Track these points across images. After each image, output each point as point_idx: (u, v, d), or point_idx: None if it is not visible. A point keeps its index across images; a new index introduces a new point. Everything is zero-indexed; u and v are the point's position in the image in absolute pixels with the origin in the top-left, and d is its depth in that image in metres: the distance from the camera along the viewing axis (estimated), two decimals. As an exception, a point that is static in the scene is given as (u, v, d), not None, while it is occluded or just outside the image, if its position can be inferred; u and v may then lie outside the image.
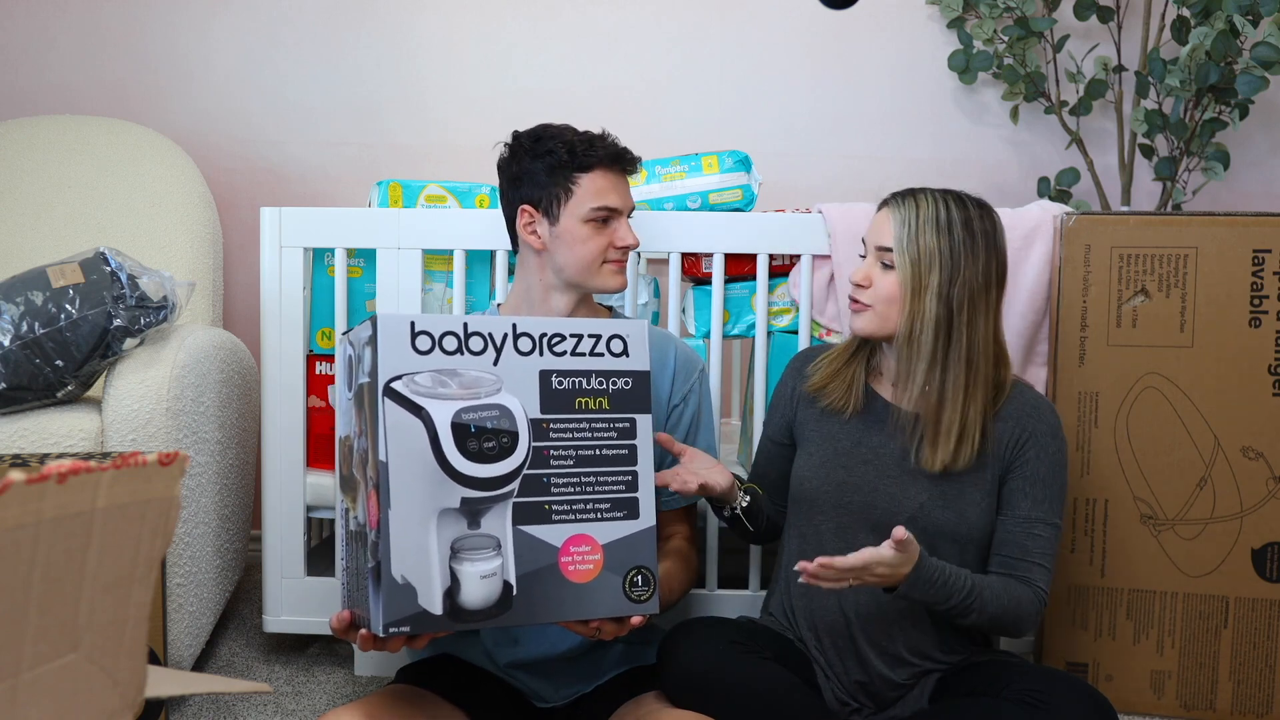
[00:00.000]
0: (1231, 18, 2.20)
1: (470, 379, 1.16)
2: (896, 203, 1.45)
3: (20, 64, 2.57)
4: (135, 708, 0.67)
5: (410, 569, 1.12)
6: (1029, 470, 1.44)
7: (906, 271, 1.41)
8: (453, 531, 1.14)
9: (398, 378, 1.13)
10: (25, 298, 1.61)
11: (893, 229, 1.43)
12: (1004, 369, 1.47)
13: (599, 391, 1.22)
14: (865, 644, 1.45)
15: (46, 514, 0.56)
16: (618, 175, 1.51)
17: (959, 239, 1.41)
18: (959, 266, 1.41)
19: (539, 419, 1.19)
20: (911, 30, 2.62)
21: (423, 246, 1.84)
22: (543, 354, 1.20)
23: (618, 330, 1.24)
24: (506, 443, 1.17)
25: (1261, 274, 1.75)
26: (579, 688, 1.51)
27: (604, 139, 1.51)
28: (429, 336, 1.15)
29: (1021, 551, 1.42)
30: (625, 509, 1.22)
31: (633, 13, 2.62)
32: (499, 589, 1.16)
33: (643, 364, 1.25)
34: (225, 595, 1.96)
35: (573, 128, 1.53)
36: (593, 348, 1.23)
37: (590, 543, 1.20)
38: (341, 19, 2.60)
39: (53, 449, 1.60)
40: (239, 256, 2.58)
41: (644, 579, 1.23)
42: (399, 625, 1.11)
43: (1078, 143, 2.50)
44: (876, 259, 1.46)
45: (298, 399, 1.86)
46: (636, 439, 1.24)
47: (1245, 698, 1.78)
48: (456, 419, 1.14)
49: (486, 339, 1.18)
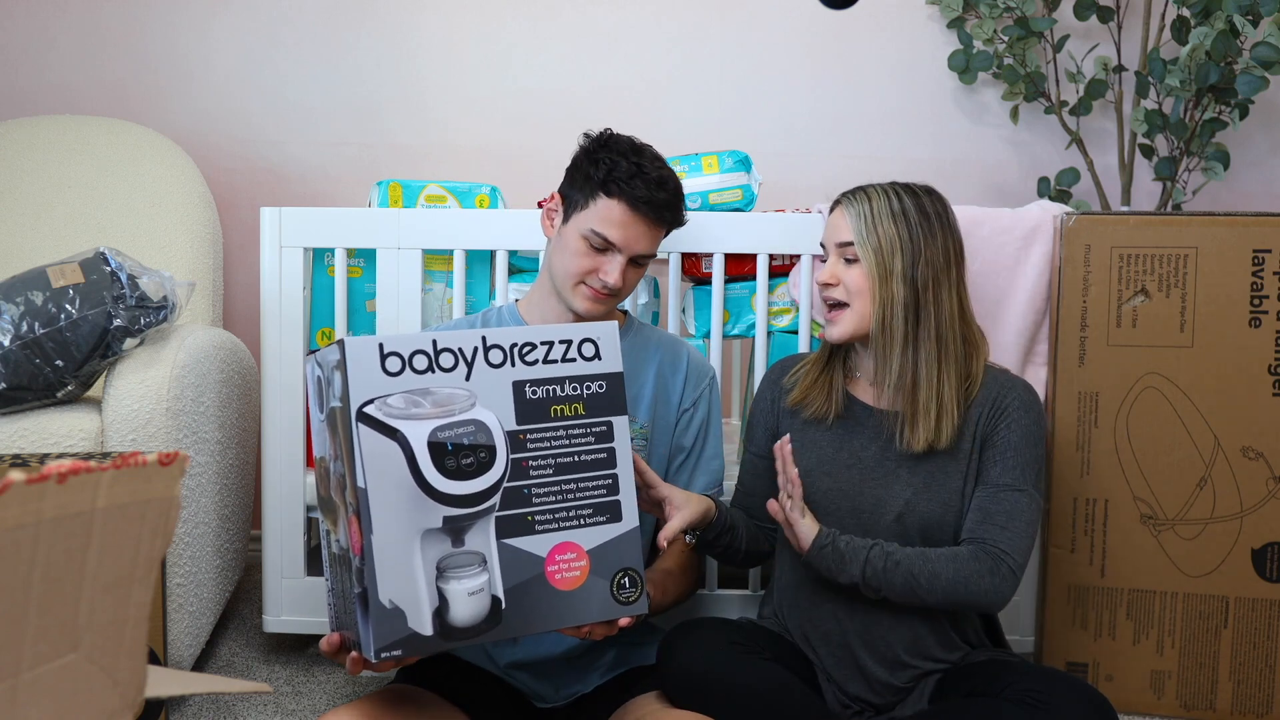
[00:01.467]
0: (1231, 18, 2.20)
1: (443, 396, 1.15)
2: (849, 200, 1.49)
3: (20, 64, 2.57)
4: (135, 708, 0.67)
5: (397, 592, 1.11)
6: (1000, 440, 1.44)
7: (871, 261, 1.44)
8: (437, 551, 1.14)
9: (369, 402, 1.11)
10: (25, 298, 1.61)
11: (850, 223, 1.46)
12: (974, 350, 1.48)
13: (574, 398, 1.21)
14: (863, 650, 1.45)
15: (46, 514, 0.56)
16: (640, 217, 1.45)
17: (915, 222, 1.44)
18: (919, 248, 1.43)
19: (515, 430, 1.18)
20: (911, 30, 2.62)
21: (423, 246, 1.84)
22: (514, 364, 1.19)
23: (588, 334, 1.23)
24: (484, 457, 1.16)
25: (1261, 274, 1.75)
26: (578, 688, 1.51)
27: (649, 181, 1.44)
28: (398, 357, 1.14)
29: (984, 515, 1.41)
30: (608, 513, 1.22)
31: (633, 13, 2.61)
32: (488, 604, 1.15)
33: (615, 365, 1.24)
34: (225, 595, 1.96)
35: (641, 154, 1.47)
36: (564, 354, 1.22)
37: (575, 549, 1.20)
38: (341, 19, 2.60)
39: (53, 449, 1.60)
40: (239, 256, 2.58)
41: (631, 580, 1.22)
42: (390, 650, 1.11)
43: (1078, 143, 2.50)
44: (839, 256, 1.48)
45: (298, 399, 1.86)
46: (614, 441, 1.23)
47: (1245, 698, 1.78)
48: (432, 438, 1.13)
49: (457, 354, 1.17)
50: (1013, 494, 1.42)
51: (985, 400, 1.46)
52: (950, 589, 1.37)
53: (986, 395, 1.47)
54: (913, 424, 1.44)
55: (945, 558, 1.38)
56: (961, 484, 1.45)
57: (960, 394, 1.45)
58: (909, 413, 1.45)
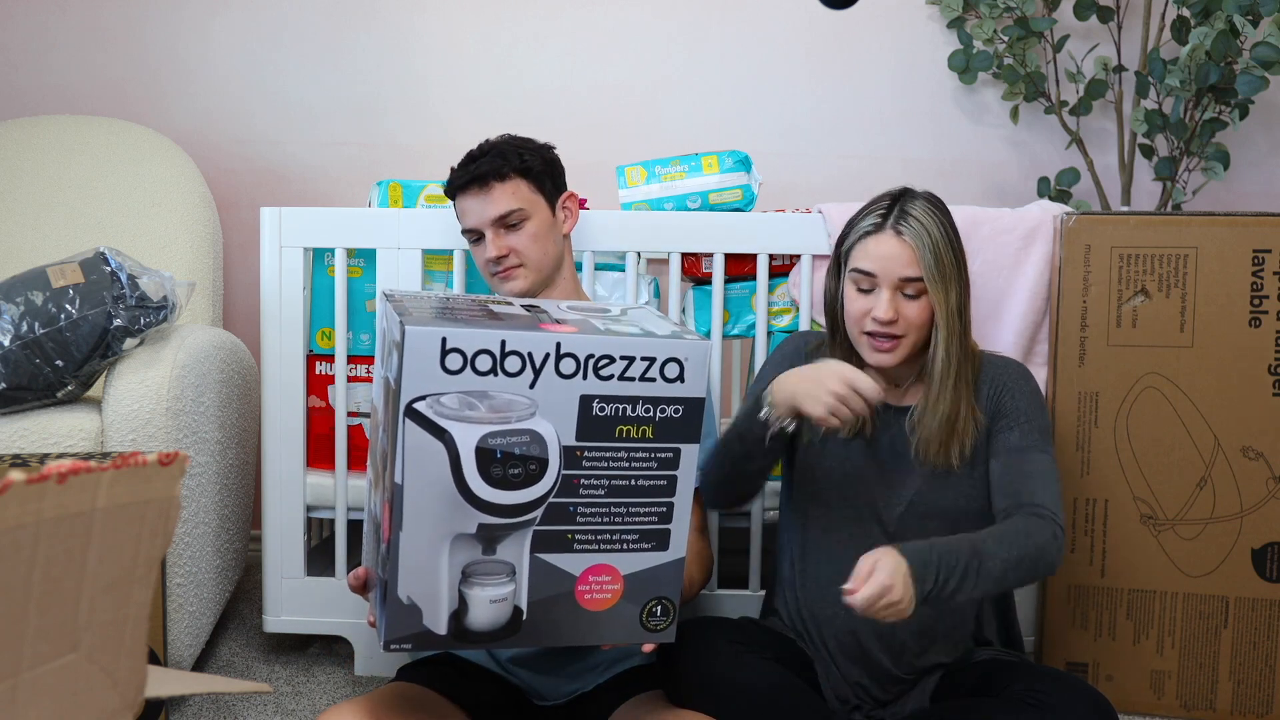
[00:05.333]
0: (1231, 18, 2.20)
1: (501, 402, 1.07)
2: (904, 226, 1.39)
3: (20, 64, 2.57)
4: (135, 708, 0.67)
5: (417, 591, 1.09)
6: (1009, 409, 1.44)
7: (940, 295, 1.39)
8: (465, 556, 1.10)
9: (422, 398, 1.05)
10: (25, 298, 1.61)
11: (919, 256, 1.38)
12: (976, 356, 1.49)
13: (644, 419, 1.12)
14: (870, 639, 1.45)
15: (46, 514, 0.56)
16: (473, 195, 1.58)
17: (956, 244, 1.43)
18: (963, 273, 1.43)
19: (573, 446, 1.10)
20: (911, 30, 2.62)
21: (423, 246, 1.84)
22: (586, 377, 1.09)
23: (675, 353, 1.11)
24: (534, 470, 1.09)
25: (1261, 274, 1.75)
26: (579, 686, 1.51)
27: (465, 161, 1.59)
28: (460, 355, 1.05)
29: (1022, 477, 1.38)
30: (654, 540, 1.15)
31: (633, 13, 2.61)
32: (508, 614, 1.12)
33: (698, 390, 1.12)
34: (225, 595, 1.96)
35: (471, 150, 1.61)
36: (644, 372, 1.10)
37: (611, 572, 1.15)
38: (342, 19, 2.60)
39: (53, 449, 1.60)
40: (239, 256, 2.58)
41: (663, 609, 1.18)
42: (401, 643, 1.10)
43: (1078, 143, 2.50)
44: (896, 290, 1.40)
45: (298, 399, 1.85)
46: (678, 469, 1.14)
47: (1245, 698, 1.78)
48: (482, 444, 1.07)
49: (525, 359, 1.07)
50: (1038, 454, 1.41)
51: (984, 383, 1.47)
52: (1031, 567, 1.30)
53: (985, 378, 1.48)
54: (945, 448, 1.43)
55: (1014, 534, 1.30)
56: (973, 468, 1.46)
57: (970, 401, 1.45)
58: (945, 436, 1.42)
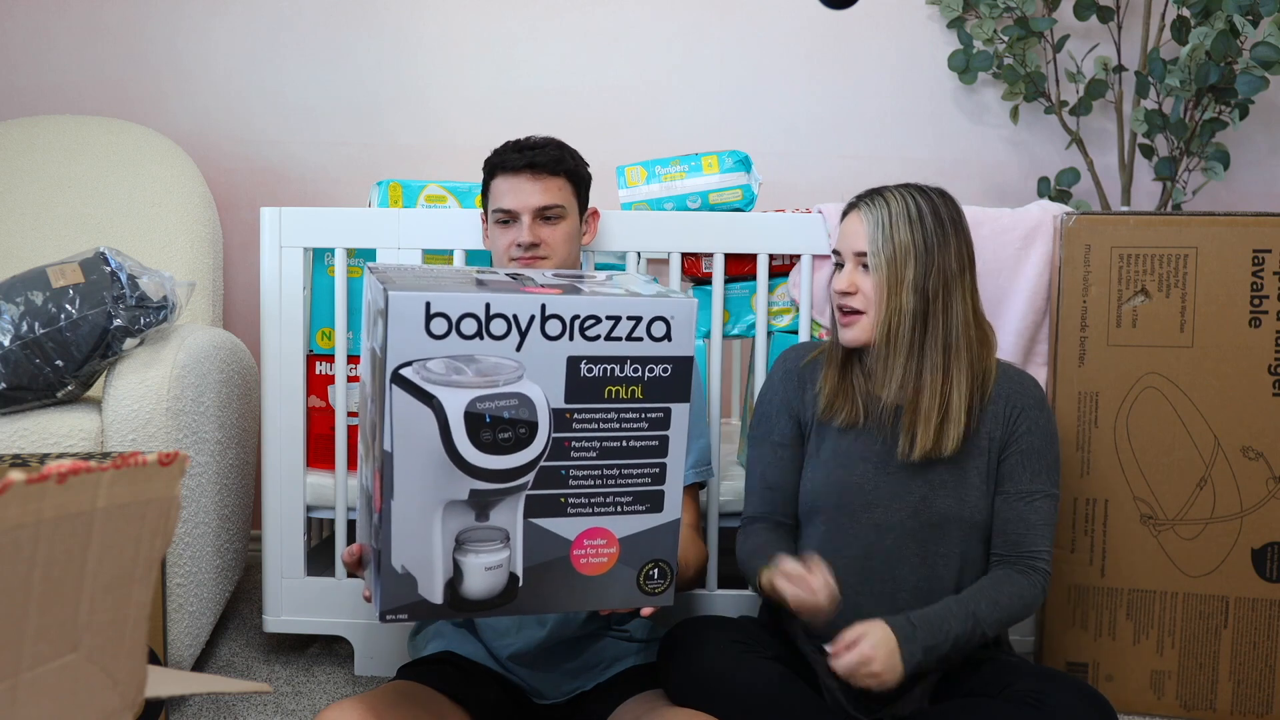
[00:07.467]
0: (1231, 18, 2.20)
1: (488, 365, 1.07)
2: (866, 205, 1.47)
3: (20, 64, 2.57)
4: (135, 708, 0.67)
5: (410, 560, 1.09)
6: (1023, 444, 1.46)
7: (883, 271, 1.43)
8: (459, 523, 1.09)
9: (408, 364, 1.04)
10: (25, 298, 1.61)
11: (866, 230, 1.45)
12: (987, 349, 1.49)
13: (633, 380, 1.11)
14: None
15: (46, 514, 0.56)
16: (524, 179, 1.58)
17: (930, 229, 1.44)
18: (933, 257, 1.43)
19: (562, 409, 1.09)
20: (911, 30, 2.62)
21: (423, 246, 1.84)
22: (573, 338, 1.08)
23: (661, 311, 1.10)
24: (524, 433, 1.08)
25: (1261, 274, 1.75)
26: (578, 685, 1.51)
27: (521, 146, 1.60)
28: (445, 319, 1.04)
29: (1025, 527, 1.45)
30: (648, 502, 1.14)
31: (633, 13, 2.61)
32: (504, 580, 1.12)
33: (686, 348, 1.12)
34: (225, 595, 1.96)
35: (523, 138, 1.62)
36: (630, 331, 1.10)
37: (606, 536, 1.14)
38: (342, 19, 2.60)
39: (53, 449, 1.60)
40: (239, 256, 2.58)
41: (660, 572, 1.17)
42: (397, 613, 1.09)
43: (1078, 143, 2.50)
44: (855, 264, 1.47)
45: (298, 399, 1.85)
46: (669, 429, 1.13)
47: (1245, 698, 1.78)
48: (470, 408, 1.06)
49: (510, 322, 1.06)
50: (1045, 499, 1.46)
51: (999, 398, 1.47)
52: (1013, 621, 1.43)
53: (1000, 393, 1.47)
54: (910, 432, 1.44)
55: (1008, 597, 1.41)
56: (979, 481, 1.46)
57: (975, 395, 1.45)
58: (908, 420, 1.45)
